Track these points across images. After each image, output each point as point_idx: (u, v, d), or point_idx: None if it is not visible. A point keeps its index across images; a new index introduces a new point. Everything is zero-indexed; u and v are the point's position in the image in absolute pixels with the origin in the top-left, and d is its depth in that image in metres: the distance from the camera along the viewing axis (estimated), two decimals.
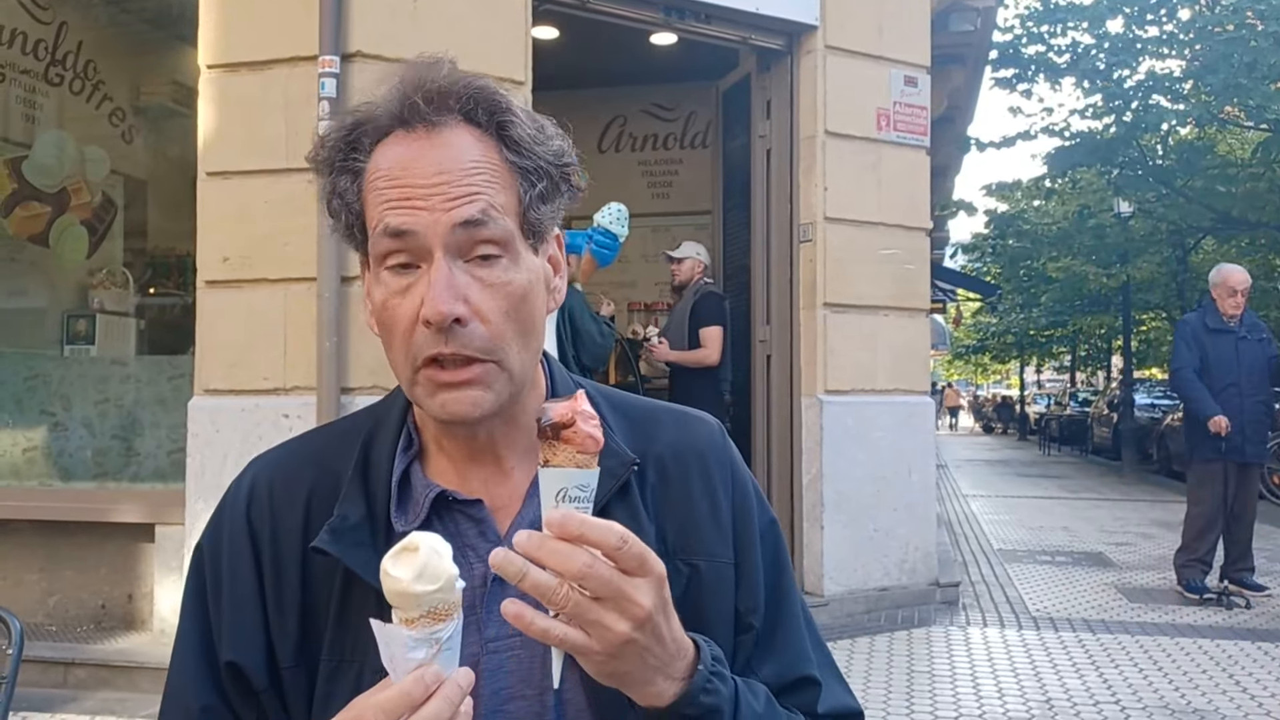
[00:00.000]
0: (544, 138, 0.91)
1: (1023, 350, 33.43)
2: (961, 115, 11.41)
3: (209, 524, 0.99)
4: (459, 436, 0.93)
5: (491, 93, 0.90)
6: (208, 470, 4.30)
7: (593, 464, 0.78)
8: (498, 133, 0.89)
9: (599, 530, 0.74)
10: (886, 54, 5.86)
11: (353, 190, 0.90)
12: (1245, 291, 6.24)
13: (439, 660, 0.74)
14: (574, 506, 0.77)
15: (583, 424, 0.77)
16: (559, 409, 0.77)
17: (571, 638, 0.75)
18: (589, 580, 0.73)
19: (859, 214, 5.76)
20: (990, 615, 5.89)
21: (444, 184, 0.86)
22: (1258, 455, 6.32)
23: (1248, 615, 5.95)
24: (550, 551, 0.73)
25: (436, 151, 0.87)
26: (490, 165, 0.88)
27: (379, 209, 0.87)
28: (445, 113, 0.88)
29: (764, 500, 1.05)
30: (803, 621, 1.03)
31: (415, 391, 0.89)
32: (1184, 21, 13.41)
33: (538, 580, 0.73)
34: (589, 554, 0.74)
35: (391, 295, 0.87)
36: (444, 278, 0.84)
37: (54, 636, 4.53)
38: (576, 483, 0.77)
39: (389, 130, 0.89)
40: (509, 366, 0.88)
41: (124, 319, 5.72)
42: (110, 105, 5.74)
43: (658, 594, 0.77)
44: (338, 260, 4.22)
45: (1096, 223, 17.02)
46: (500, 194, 0.88)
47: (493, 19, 4.60)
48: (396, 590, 0.73)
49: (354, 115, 0.91)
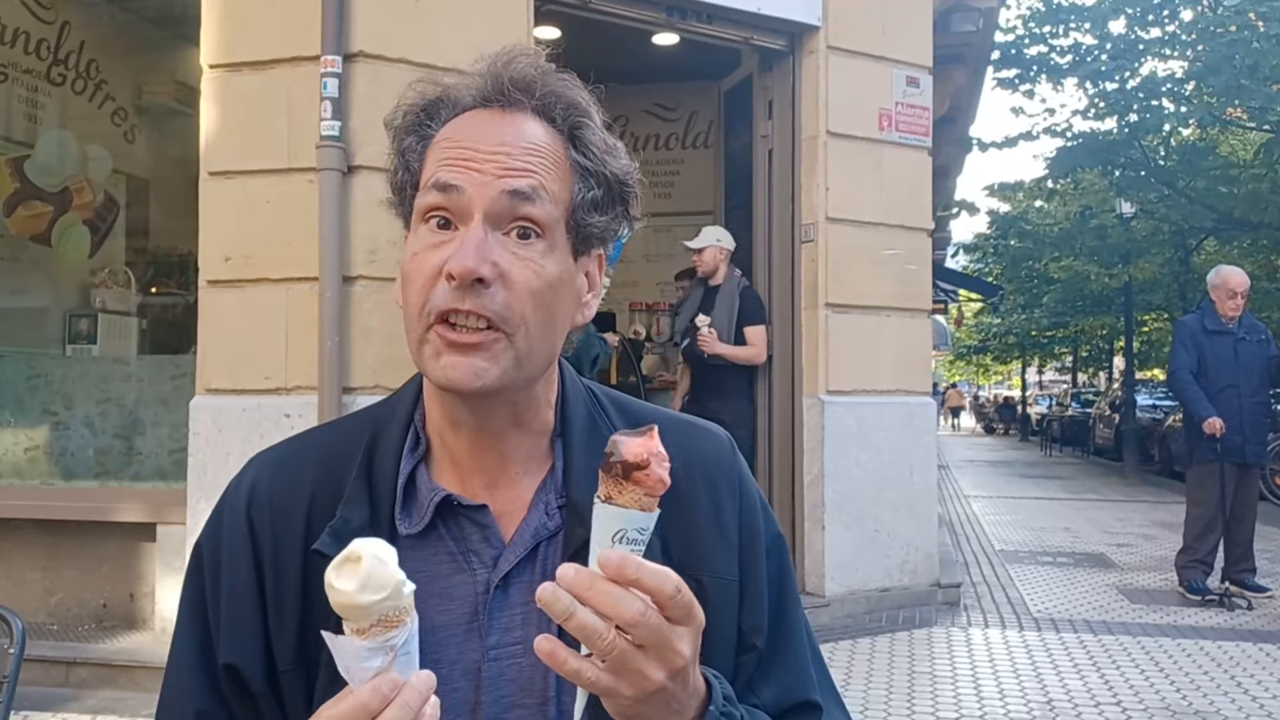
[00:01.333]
0: (614, 153, 0.93)
1: (1024, 351, 33.42)
2: (964, 115, 11.40)
3: (208, 523, 0.98)
4: (463, 427, 0.92)
5: (574, 95, 0.91)
6: (209, 469, 4.30)
7: (654, 506, 0.74)
8: (570, 132, 0.91)
9: (656, 577, 0.72)
10: (888, 54, 5.86)
11: (416, 150, 0.91)
12: (1245, 293, 6.24)
13: (395, 666, 0.73)
14: (629, 548, 0.74)
15: (656, 466, 0.73)
16: (633, 447, 0.73)
17: (603, 682, 0.73)
18: (638, 628, 0.72)
19: (861, 214, 5.76)
20: (991, 616, 5.89)
21: (503, 154, 0.87)
22: (1257, 456, 6.31)
23: (1249, 616, 5.95)
24: (602, 593, 0.71)
25: (505, 127, 0.89)
26: (553, 155, 0.89)
27: (435, 165, 0.88)
28: (524, 99, 0.90)
29: (770, 515, 1.03)
30: (805, 642, 1.01)
31: (423, 351, 0.87)
32: (1186, 23, 13.40)
33: (585, 622, 0.71)
34: (642, 601, 0.72)
35: (424, 248, 0.87)
36: (477, 238, 0.84)
37: (55, 635, 4.54)
38: (636, 525, 0.74)
39: (468, 107, 0.91)
40: (518, 345, 0.86)
41: (126, 318, 5.72)
42: (112, 105, 5.74)
43: (695, 643, 0.76)
44: (339, 260, 4.22)
45: (1098, 223, 17.02)
46: (554, 182, 0.88)
47: (494, 19, 4.60)
48: (343, 603, 0.71)
49: (438, 89, 0.93)
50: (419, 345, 0.88)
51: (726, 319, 5.56)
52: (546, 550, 0.91)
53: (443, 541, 0.91)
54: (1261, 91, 11.79)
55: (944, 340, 26.38)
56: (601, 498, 0.74)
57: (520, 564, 0.90)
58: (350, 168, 4.26)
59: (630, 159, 0.95)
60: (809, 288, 5.71)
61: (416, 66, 4.33)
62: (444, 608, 0.89)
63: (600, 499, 0.74)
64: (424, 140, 0.91)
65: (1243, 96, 12.27)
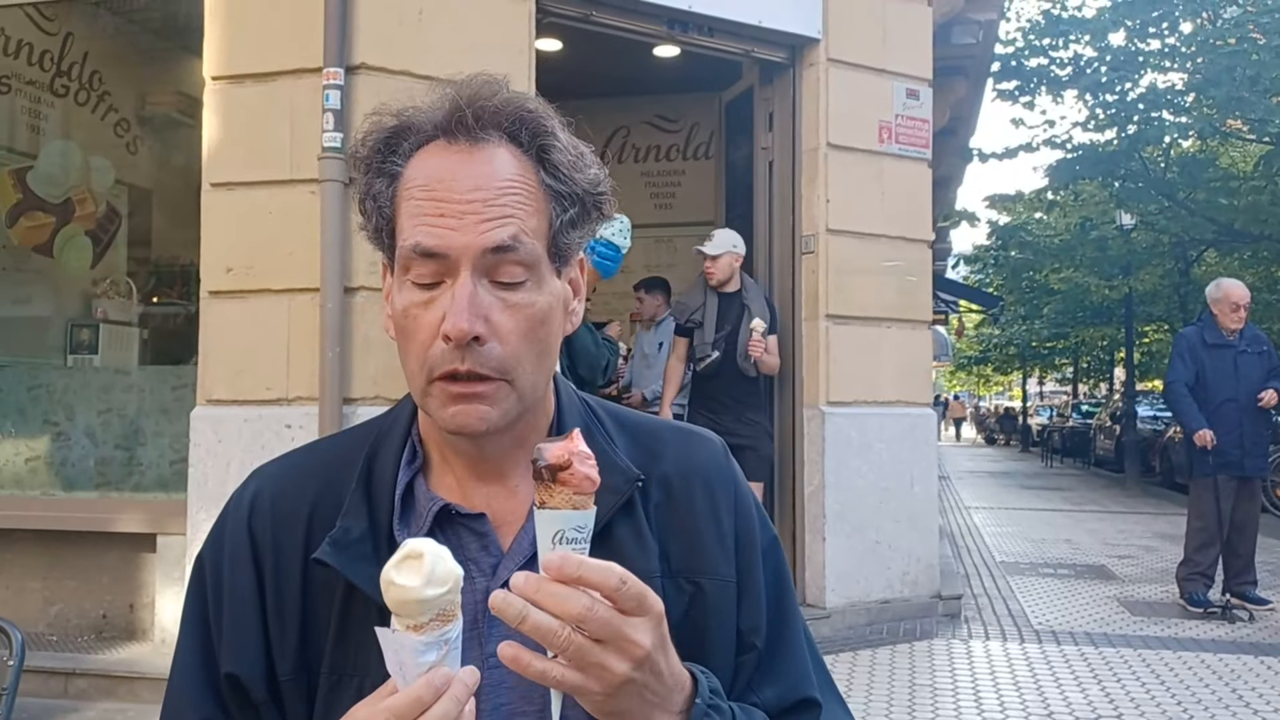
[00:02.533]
0: (582, 165, 0.92)
1: (1025, 362, 33.42)
2: (964, 127, 11.43)
3: (210, 534, 0.99)
4: (464, 450, 0.94)
5: (538, 115, 0.91)
6: (210, 480, 4.30)
7: (589, 504, 0.78)
8: (538, 155, 0.91)
9: (598, 572, 0.75)
10: (888, 67, 5.88)
11: (386, 194, 0.91)
12: (1247, 305, 6.25)
13: (446, 661, 0.75)
14: (571, 548, 0.76)
15: (579, 465, 0.76)
16: (554, 451, 0.77)
17: (570, 679, 0.75)
18: (588, 623, 0.74)
19: (861, 226, 5.77)
20: (992, 628, 5.88)
21: (478, 202, 0.87)
22: (1257, 469, 6.31)
23: (1250, 629, 5.94)
24: (548, 594, 0.74)
25: (475, 167, 0.88)
26: (525, 186, 0.89)
27: (412, 221, 0.88)
28: (490, 130, 0.89)
29: (766, 519, 1.05)
30: (804, 641, 1.03)
31: (428, 402, 0.90)
32: (1186, 35, 13.44)
33: (538, 623, 0.73)
34: (588, 596, 0.74)
35: (414, 305, 0.88)
36: (468, 295, 0.85)
37: (55, 646, 4.53)
38: (573, 524, 0.77)
39: (431, 139, 0.90)
40: (520, 386, 0.89)
41: (127, 328, 5.72)
42: (115, 116, 5.76)
43: (656, 632, 0.78)
44: (341, 271, 4.23)
45: (1099, 235, 17.03)
46: (532, 217, 0.89)
47: (497, 31, 4.62)
48: (405, 598, 0.73)
49: (397, 118, 0.92)
50: (423, 396, 0.90)
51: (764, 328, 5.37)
52: None
53: None
54: (1261, 103, 11.83)
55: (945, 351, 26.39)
56: (536, 505, 0.77)
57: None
58: (352, 179, 4.25)
59: (599, 166, 0.94)
60: (809, 299, 5.72)
61: (419, 79, 4.35)
62: None
63: (536, 506, 0.77)
64: (392, 180, 0.91)
65: (1243, 108, 12.30)
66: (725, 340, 5.26)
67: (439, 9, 4.49)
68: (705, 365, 5.29)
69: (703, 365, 5.31)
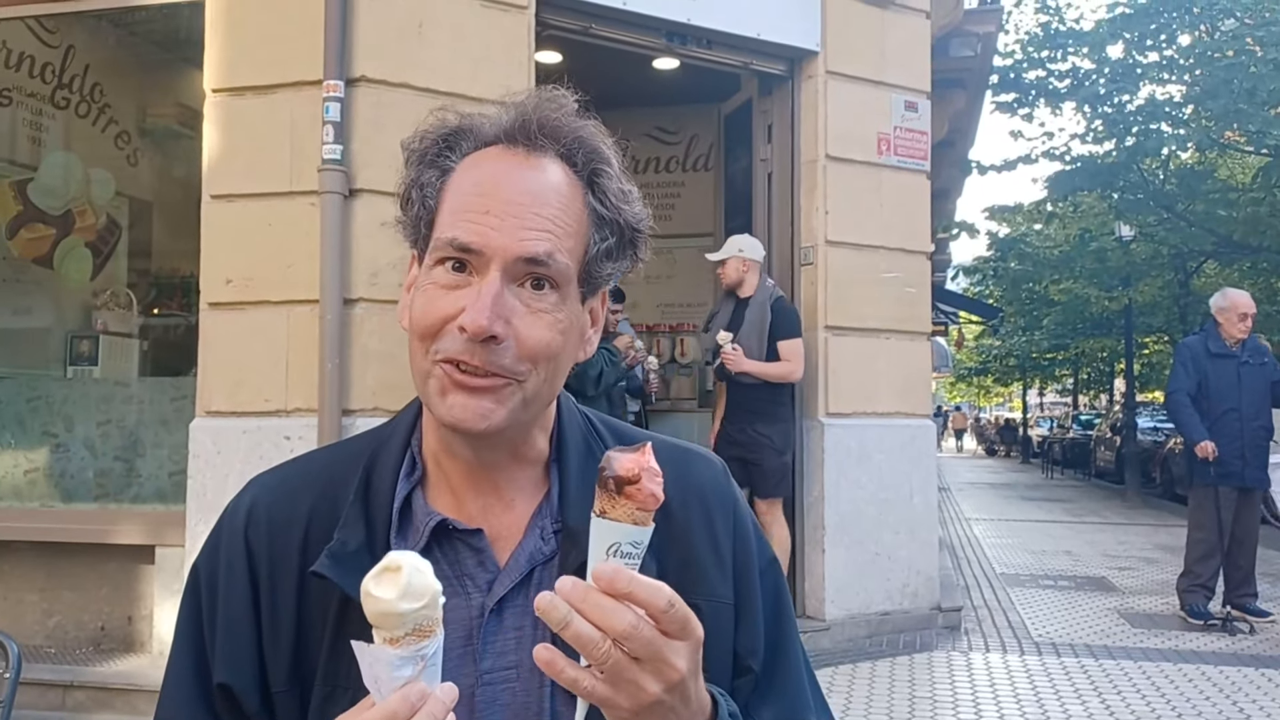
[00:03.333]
0: (629, 199, 0.94)
1: (1025, 373, 33.41)
2: (963, 139, 11.46)
3: (206, 544, 0.98)
4: (461, 457, 0.93)
5: (597, 142, 0.93)
6: (208, 491, 4.30)
7: (649, 521, 0.77)
8: (589, 178, 0.92)
9: (648, 590, 0.74)
10: (887, 79, 5.90)
11: (434, 185, 0.92)
12: (1253, 315, 6.24)
13: (423, 677, 0.74)
14: (624, 562, 0.76)
15: (648, 481, 0.75)
16: (625, 463, 0.76)
17: (600, 692, 0.74)
18: (631, 640, 0.73)
19: (860, 237, 5.78)
20: (992, 640, 5.87)
21: (524, 207, 0.87)
22: (1258, 481, 6.29)
23: (1251, 641, 5.93)
24: (595, 605, 0.73)
25: (528, 173, 0.89)
26: (572, 205, 0.90)
27: (454, 215, 0.89)
28: (549, 144, 0.91)
29: (764, 540, 1.04)
30: (802, 664, 1.02)
31: (428, 385, 0.88)
32: (1184, 47, 13.49)
33: (580, 632, 0.73)
34: (634, 614, 0.73)
35: (436, 287, 0.88)
36: (494, 294, 0.85)
37: (53, 658, 4.52)
38: (631, 539, 0.76)
39: (491, 142, 0.92)
40: (526, 390, 0.88)
41: (127, 340, 5.73)
42: (116, 128, 5.78)
43: (693, 658, 0.77)
44: (340, 282, 4.24)
45: (1098, 246, 17.05)
46: (570, 237, 0.89)
47: (496, 44, 4.63)
48: (381, 610, 0.72)
49: (459, 119, 0.93)
50: (424, 378, 0.89)
51: (757, 334, 5.28)
52: (542, 575, 0.92)
53: (438, 565, 0.90)
54: (1259, 115, 11.85)
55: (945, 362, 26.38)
56: (596, 512, 0.76)
57: (515, 588, 0.91)
58: (352, 191, 4.29)
59: (644, 206, 0.96)
60: (809, 310, 5.72)
61: (418, 91, 4.37)
62: None
63: (595, 514, 0.76)
64: (443, 173, 0.92)
65: (1241, 120, 12.33)
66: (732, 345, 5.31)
67: (439, 22, 4.51)
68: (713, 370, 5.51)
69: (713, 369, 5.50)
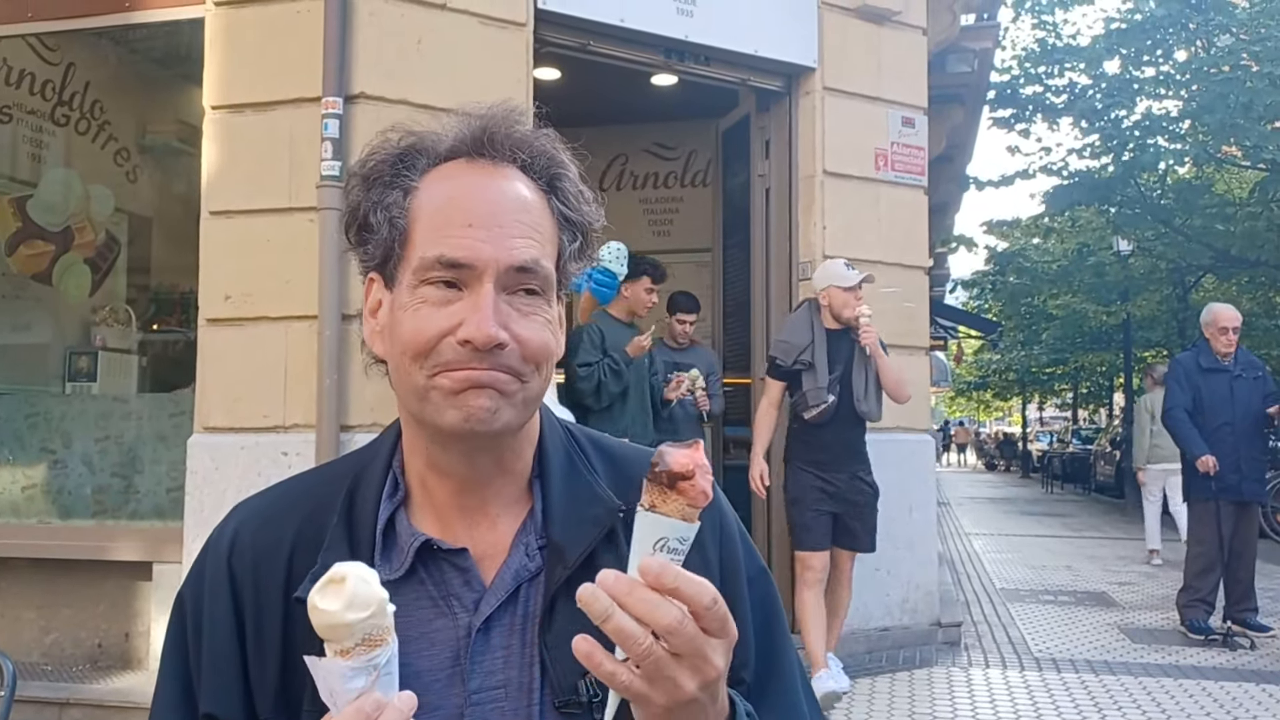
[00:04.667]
0: (587, 200, 0.96)
1: (1024, 387, 33.42)
2: (961, 154, 11.49)
3: (190, 571, 0.98)
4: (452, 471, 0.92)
5: (552, 149, 0.94)
6: (206, 507, 4.29)
7: (696, 518, 0.77)
8: (550, 184, 0.93)
9: (694, 586, 0.74)
10: (884, 95, 5.92)
11: (401, 205, 0.91)
12: (1236, 329, 6.25)
13: (378, 686, 0.74)
14: (670, 557, 0.75)
15: (701, 477, 0.75)
16: (679, 458, 0.76)
17: (637, 687, 0.74)
18: (675, 636, 0.73)
19: (858, 252, 5.77)
20: (992, 656, 5.85)
21: (507, 218, 0.89)
22: (1255, 494, 6.29)
23: (1252, 656, 5.91)
24: (640, 599, 0.73)
25: (501, 184, 0.91)
26: (542, 212, 0.92)
27: (435, 232, 0.88)
28: (510, 156, 0.92)
29: (752, 548, 1.04)
30: (797, 676, 1.01)
31: (430, 397, 0.87)
32: (1180, 63, 13.55)
33: (622, 626, 0.72)
34: (680, 610, 0.73)
35: (426, 305, 0.88)
36: (491, 304, 0.86)
37: (49, 676, 4.50)
38: (679, 534, 0.76)
39: (450, 157, 0.92)
40: (528, 390, 0.89)
41: (126, 356, 5.73)
42: (115, 144, 5.79)
43: (727, 656, 0.77)
44: (338, 298, 4.24)
45: (1096, 260, 17.10)
46: (548, 243, 0.91)
47: (495, 61, 4.65)
48: (328, 623, 0.72)
49: (409, 137, 0.94)
50: (422, 393, 0.88)
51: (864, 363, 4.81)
52: (528, 592, 0.92)
53: (423, 586, 0.91)
54: (1256, 130, 11.89)
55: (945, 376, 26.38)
56: (645, 506, 0.76)
57: (501, 607, 0.91)
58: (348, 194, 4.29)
59: (597, 204, 0.97)
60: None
61: (417, 108, 4.38)
62: (426, 653, 0.89)
63: (644, 507, 0.76)
64: (407, 193, 0.91)
65: (1238, 135, 12.37)
66: (839, 383, 4.72)
67: (438, 39, 4.53)
68: (818, 413, 4.67)
69: (814, 413, 4.67)
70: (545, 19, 4.89)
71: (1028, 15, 14.90)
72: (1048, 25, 14.58)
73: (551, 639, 0.88)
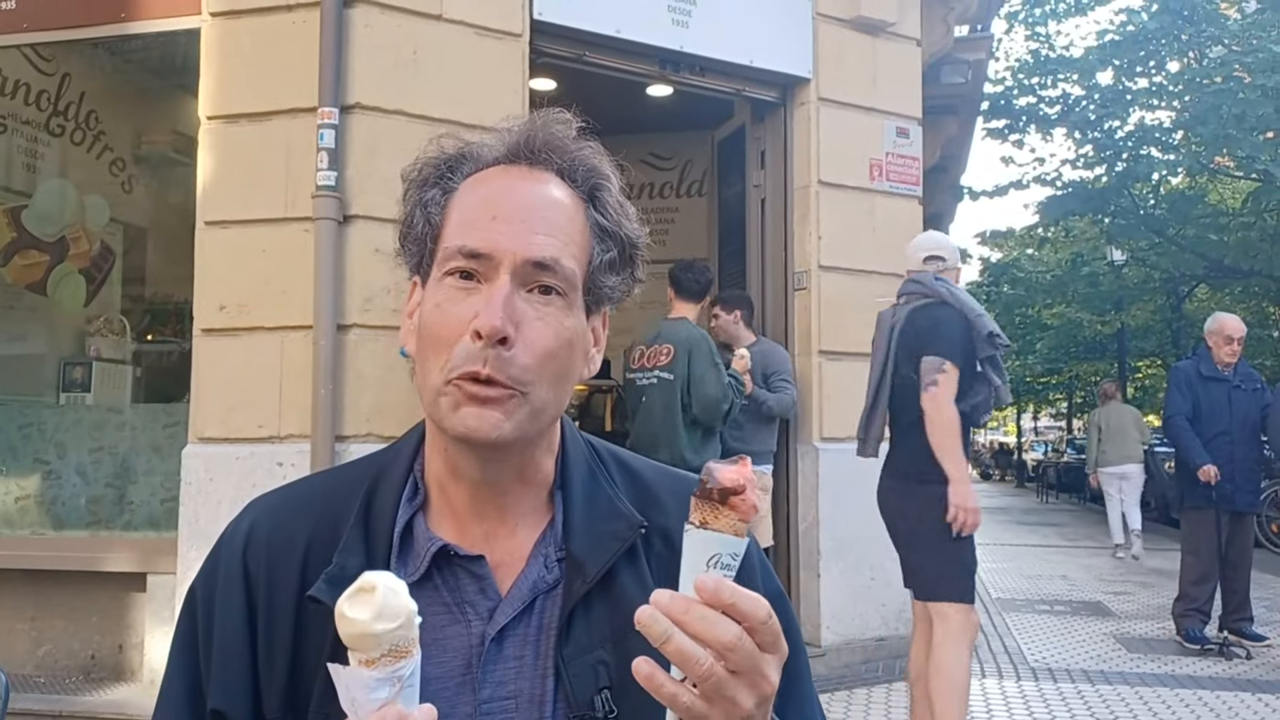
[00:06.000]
0: (628, 215, 0.96)
1: (1019, 397, 33.46)
2: (955, 164, 11.53)
3: (204, 565, 0.98)
4: (467, 477, 0.92)
5: (596, 159, 0.95)
6: (201, 518, 4.28)
7: (745, 533, 0.76)
8: (589, 194, 0.94)
9: (750, 602, 0.73)
10: (879, 106, 5.94)
11: (438, 202, 0.93)
12: (1240, 340, 6.26)
13: (401, 698, 0.74)
14: (723, 574, 0.75)
15: (751, 492, 0.75)
16: (728, 473, 0.75)
17: (698, 708, 0.73)
18: (734, 653, 0.72)
19: (853, 262, 5.80)
20: (989, 666, 5.84)
21: (531, 212, 0.89)
22: (1249, 504, 6.30)
23: (1248, 666, 5.91)
24: (699, 617, 0.72)
25: (534, 185, 0.92)
26: (575, 217, 0.92)
27: (462, 226, 0.90)
28: (550, 161, 0.93)
29: (769, 569, 1.03)
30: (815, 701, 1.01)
31: (440, 404, 0.88)
32: (1173, 74, 13.62)
33: (683, 647, 0.71)
34: (738, 626, 0.72)
35: (448, 300, 0.88)
36: (504, 297, 0.86)
37: (42, 688, 4.47)
38: (731, 550, 0.75)
39: (491, 163, 0.94)
40: (533, 401, 0.88)
41: (120, 366, 5.71)
42: (111, 155, 5.79)
43: (779, 672, 0.77)
44: (334, 308, 4.24)
45: (1090, 270, 17.16)
46: (575, 245, 0.91)
47: (491, 71, 4.66)
48: (355, 632, 0.72)
49: (460, 145, 0.95)
50: (435, 395, 0.88)
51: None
52: (544, 604, 0.91)
53: (438, 592, 0.91)
54: (1248, 140, 11.95)
55: None
56: (696, 523, 0.75)
57: (516, 617, 0.90)
58: (346, 217, 4.30)
59: (640, 224, 0.98)
60: (802, 335, 5.73)
61: (413, 118, 4.39)
62: (437, 659, 0.88)
63: (695, 525, 0.76)
64: (446, 192, 0.93)
65: (1230, 145, 12.43)
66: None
67: (433, 50, 4.54)
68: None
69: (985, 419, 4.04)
70: (541, 30, 4.90)
71: (1021, 26, 15.00)
72: (1041, 36, 14.67)
73: (569, 653, 0.88)
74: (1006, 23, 15.07)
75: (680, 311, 4.95)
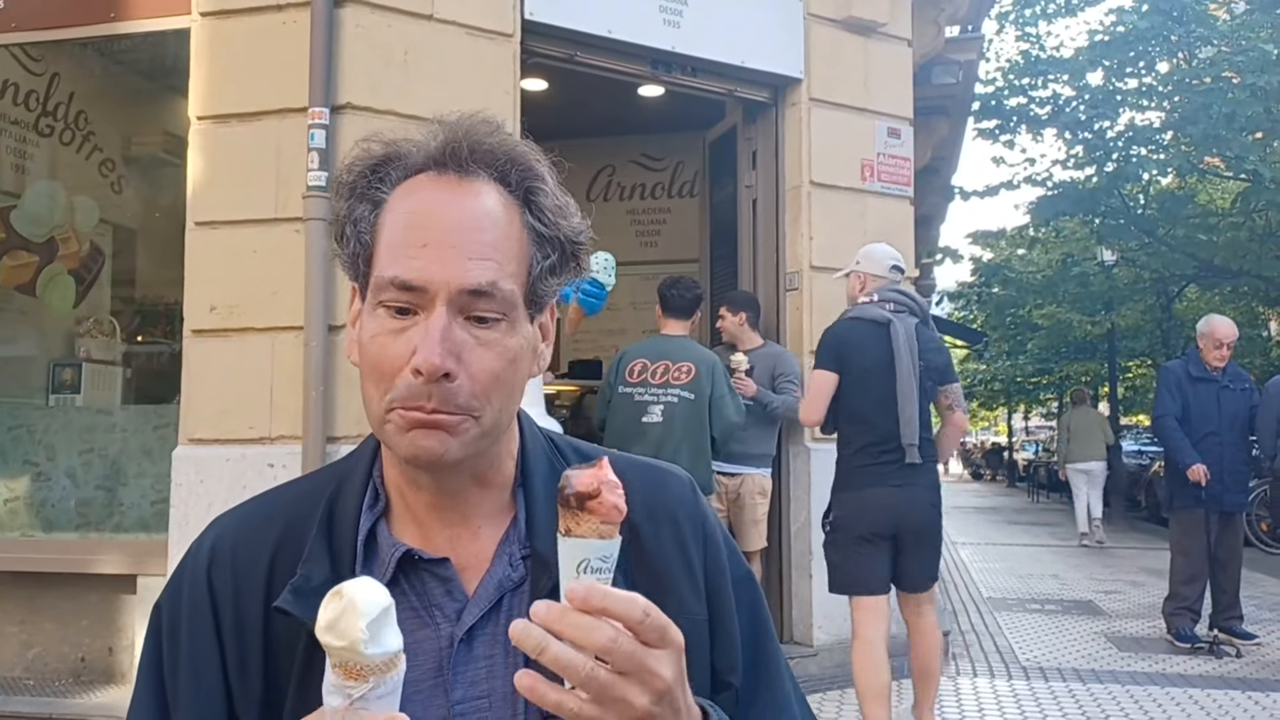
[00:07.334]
0: (567, 213, 0.93)
1: (1010, 397, 33.52)
2: (946, 165, 11.55)
3: (168, 585, 0.97)
4: (425, 487, 0.92)
5: (529, 158, 0.91)
6: (191, 520, 4.26)
7: (614, 534, 0.76)
8: (525, 197, 0.91)
9: (623, 603, 0.73)
10: (870, 106, 5.95)
11: (368, 220, 0.90)
12: (1231, 344, 6.28)
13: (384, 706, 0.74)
14: (595, 577, 0.75)
15: (608, 494, 0.75)
16: (583, 479, 0.75)
17: (588, 712, 0.73)
18: (613, 655, 0.72)
19: (844, 263, 5.79)
20: (980, 665, 5.85)
21: (463, 238, 0.86)
22: (1237, 504, 6.31)
23: (1238, 664, 5.93)
24: (572, 624, 0.72)
25: (463, 201, 0.88)
26: (510, 228, 0.89)
27: (392, 252, 0.87)
28: (481, 168, 0.89)
29: (738, 554, 1.03)
30: (788, 681, 1.01)
31: (386, 429, 0.87)
32: (1163, 75, 13.66)
33: (559, 655, 0.72)
34: (613, 628, 0.73)
35: (385, 332, 0.87)
36: (441, 330, 0.84)
37: (31, 691, 4.46)
38: (599, 554, 0.75)
39: (420, 169, 0.90)
40: (483, 423, 0.88)
41: (110, 368, 5.69)
42: (100, 155, 5.76)
43: (677, 665, 0.76)
44: (325, 309, 4.23)
45: (1080, 271, 17.18)
46: (512, 261, 0.88)
47: (482, 72, 4.66)
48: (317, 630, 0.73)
49: (386, 147, 0.92)
50: (380, 423, 0.88)
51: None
52: (511, 601, 0.91)
53: (405, 597, 0.90)
54: (1238, 141, 11.99)
55: None
56: (562, 532, 0.76)
57: (484, 617, 0.90)
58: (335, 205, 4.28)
59: (581, 216, 0.95)
60: (794, 336, 5.74)
61: (404, 118, 4.38)
62: (409, 663, 0.87)
63: (561, 533, 0.76)
64: (375, 207, 0.90)
65: (1220, 146, 12.48)
66: None
67: (424, 50, 4.53)
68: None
69: None
70: (532, 30, 4.89)
71: (1012, 27, 15.02)
72: (1031, 37, 14.69)
73: None
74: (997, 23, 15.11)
75: (673, 329, 4.93)
